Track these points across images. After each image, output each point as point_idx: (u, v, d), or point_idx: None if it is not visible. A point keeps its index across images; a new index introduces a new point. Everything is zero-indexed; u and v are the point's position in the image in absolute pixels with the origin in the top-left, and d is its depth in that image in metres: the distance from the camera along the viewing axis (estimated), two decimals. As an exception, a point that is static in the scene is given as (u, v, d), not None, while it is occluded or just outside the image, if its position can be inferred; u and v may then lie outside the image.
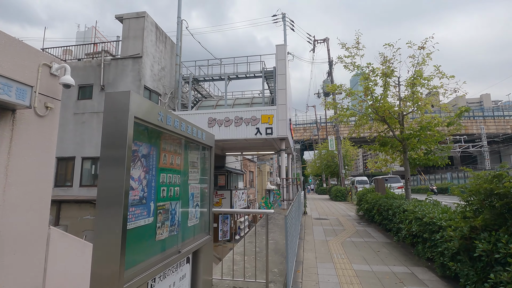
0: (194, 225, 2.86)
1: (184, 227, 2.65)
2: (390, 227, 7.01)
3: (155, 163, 2.19)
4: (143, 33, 12.74)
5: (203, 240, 2.91)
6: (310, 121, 48.86)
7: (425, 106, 6.97)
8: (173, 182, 2.46)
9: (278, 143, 13.08)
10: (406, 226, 5.52)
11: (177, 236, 2.45)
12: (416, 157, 7.57)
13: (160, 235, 2.20)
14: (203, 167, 3.12)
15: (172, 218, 2.43)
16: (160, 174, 2.25)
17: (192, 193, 2.87)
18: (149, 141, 2.10)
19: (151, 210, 2.10)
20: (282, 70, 12.84)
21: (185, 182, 2.73)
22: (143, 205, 2.01)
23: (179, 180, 2.56)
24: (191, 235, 2.78)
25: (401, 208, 6.33)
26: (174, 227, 2.43)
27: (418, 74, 6.85)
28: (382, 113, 7.25)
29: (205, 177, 3.15)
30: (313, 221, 9.92)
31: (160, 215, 2.23)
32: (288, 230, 3.77)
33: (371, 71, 7.28)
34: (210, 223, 3.14)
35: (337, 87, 7.91)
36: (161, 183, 2.26)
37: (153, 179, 2.15)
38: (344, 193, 20.21)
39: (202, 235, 2.99)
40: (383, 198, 8.10)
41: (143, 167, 2.01)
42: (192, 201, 2.87)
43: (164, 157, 2.33)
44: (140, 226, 1.95)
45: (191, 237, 2.75)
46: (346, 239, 6.87)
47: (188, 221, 2.76)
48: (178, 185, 2.55)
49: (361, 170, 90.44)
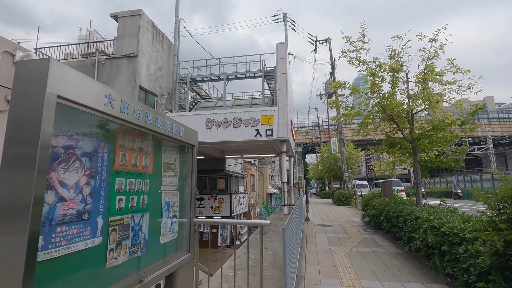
0: (169, 241, 2.32)
1: (154, 246, 2.10)
2: (400, 236, 6.42)
3: (107, 165, 1.65)
4: (138, 32, 12.30)
5: (181, 259, 2.36)
6: (312, 124, 48.36)
7: (437, 104, 6.40)
8: (137, 189, 1.92)
9: (279, 145, 12.53)
10: (420, 236, 4.94)
11: (139, 260, 1.90)
12: (427, 159, 6.99)
13: (113, 260, 1.66)
14: (182, 170, 2.58)
15: (135, 236, 1.89)
16: (115, 179, 1.71)
17: (167, 201, 2.33)
18: (96, 134, 1.57)
19: (98, 228, 1.56)
20: (282, 69, 12.33)
21: (156, 189, 2.19)
22: (85, 221, 1.47)
23: (146, 186, 2.02)
24: (164, 254, 2.23)
25: (413, 215, 5.75)
26: (137, 247, 1.89)
27: (430, 69, 6.29)
28: (390, 111, 6.70)
29: (186, 181, 2.61)
30: (316, 227, 9.33)
31: (115, 233, 1.69)
32: (288, 242, 3.22)
33: (378, 66, 6.73)
34: (192, 238, 2.59)
35: (341, 84, 7.37)
36: (117, 191, 1.72)
37: (103, 186, 1.61)
38: (347, 197, 19.57)
39: (179, 253, 2.44)
40: (391, 204, 7.51)
41: (84, 170, 1.48)
42: (167, 211, 2.33)
43: (123, 157, 1.79)
44: (77, 252, 1.41)
45: (162, 258, 2.20)
46: (352, 249, 6.28)
47: (161, 238, 2.21)
48: (145, 192, 2.01)
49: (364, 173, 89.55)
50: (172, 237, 2.38)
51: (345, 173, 21.00)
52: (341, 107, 7.71)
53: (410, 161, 7.50)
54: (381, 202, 8.21)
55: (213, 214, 19.14)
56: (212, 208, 19.16)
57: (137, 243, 1.89)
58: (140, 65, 12.22)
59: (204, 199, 19.30)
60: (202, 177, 19.79)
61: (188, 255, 2.48)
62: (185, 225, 2.56)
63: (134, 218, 1.88)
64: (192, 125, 10.01)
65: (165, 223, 2.29)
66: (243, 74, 14.23)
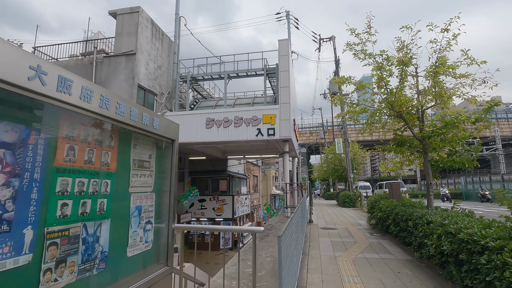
0: (140, 253, 1.94)
1: (118, 260, 1.73)
2: (410, 241, 5.97)
3: (43, 160, 1.28)
4: (137, 29, 12.02)
5: (154, 275, 1.98)
6: (317, 125, 47.87)
7: (449, 99, 5.95)
8: (93, 192, 1.55)
9: (281, 145, 12.13)
10: (434, 242, 4.50)
11: (95, 279, 1.52)
12: (439, 158, 6.53)
13: (50, 283, 1.29)
14: (160, 169, 2.21)
15: (88, 249, 1.51)
16: (57, 178, 1.34)
17: (138, 206, 1.95)
18: (24, 120, 1.20)
19: (25, 243, 1.19)
20: (285, 67, 11.93)
21: (123, 191, 1.82)
22: (2, 235, 1.11)
23: (107, 187, 1.65)
24: (133, 270, 1.85)
25: (424, 219, 5.31)
26: (91, 264, 1.52)
27: (441, 62, 5.85)
28: (399, 108, 6.26)
29: (164, 182, 2.24)
30: (320, 231, 8.90)
31: (55, 247, 1.32)
32: (285, 251, 2.84)
33: (386, 59, 6.30)
34: (170, 247, 2.21)
35: (346, 79, 6.95)
36: (59, 194, 1.35)
37: (36, 187, 1.24)
38: (352, 199, 19.05)
39: (154, 267, 2.06)
40: (400, 206, 7.06)
41: (2, 166, 1.11)
42: (138, 218, 1.95)
43: (70, 151, 1.43)
44: (-14, 277, 1.04)
45: (131, 274, 1.82)
46: (358, 254, 5.85)
47: (128, 250, 1.84)
48: (105, 195, 1.64)
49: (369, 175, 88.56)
50: (144, 247, 2.01)
51: (350, 174, 20.49)
52: (346, 103, 7.29)
53: (419, 161, 7.06)
54: (389, 204, 7.75)
55: (215, 215, 18.79)
56: (214, 209, 18.81)
57: (91, 259, 1.52)
58: (138, 63, 11.93)
59: (206, 200, 18.95)
60: (204, 178, 19.48)
61: (164, 269, 2.10)
62: (162, 233, 2.19)
63: (87, 227, 1.51)
64: (192, 125, 9.58)
65: (135, 232, 1.92)
66: (245, 72, 13.86)
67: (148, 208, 2.08)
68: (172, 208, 2.24)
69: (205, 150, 15.80)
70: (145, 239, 2.01)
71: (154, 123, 1.99)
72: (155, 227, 2.14)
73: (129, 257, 1.84)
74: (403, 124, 6.83)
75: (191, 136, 12.04)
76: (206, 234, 19.01)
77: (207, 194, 19.18)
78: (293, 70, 15.13)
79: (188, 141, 12.09)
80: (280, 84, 11.83)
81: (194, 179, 18.96)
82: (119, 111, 1.63)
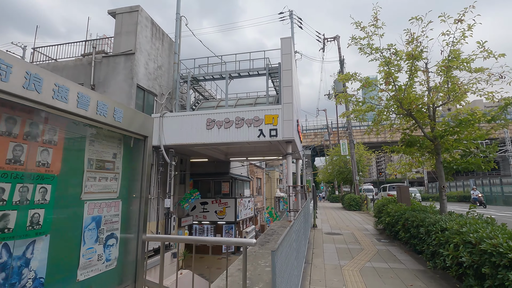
0: (98, 275, 1.57)
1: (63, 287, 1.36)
2: (422, 249, 5.52)
3: None
4: (136, 28, 11.77)
5: (115, 302, 1.60)
6: (321, 126, 47.35)
7: (463, 96, 5.51)
8: (19, 201, 1.19)
9: (284, 146, 11.73)
10: (451, 253, 4.06)
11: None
12: (452, 160, 6.08)
13: None
14: (128, 171, 1.84)
15: (10, 278, 1.15)
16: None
17: (95, 216, 1.59)
18: None
19: None
20: (287, 65, 11.55)
21: (72, 198, 1.45)
22: None
23: (45, 195, 1.29)
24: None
25: (437, 226, 4.86)
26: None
27: (455, 55, 5.42)
28: (408, 105, 5.84)
29: (133, 187, 1.87)
30: (324, 236, 8.45)
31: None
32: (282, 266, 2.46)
33: (394, 53, 5.89)
34: (140, 264, 1.84)
35: (351, 76, 6.55)
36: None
37: None
38: (358, 202, 18.51)
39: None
40: (410, 211, 6.61)
41: None
42: (95, 231, 1.59)
43: (-20, 146, 1.06)
44: None
45: (80, 303, 1.45)
46: (366, 263, 5.41)
47: (79, 272, 1.47)
48: (43, 204, 1.28)
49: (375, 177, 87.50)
50: (105, 267, 1.64)
51: (355, 176, 19.97)
52: (351, 102, 6.88)
53: (430, 163, 6.60)
54: (398, 209, 7.29)
55: (217, 219, 18.43)
56: (216, 212, 18.46)
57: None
58: (138, 63, 11.67)
59: (208, 203, 18.62)
60: (206, 180, 19.15)
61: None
62: (129, 248, 1.82)
63: (9, 248, 1.15)
64: (192, 126, 9.18)
65: (91, 249, 1.55)
66: (247, 72, 13.52)
67: (112, 219, 1.71)
68: (143, 217, 1.87)
69: (206, 152, 15.47)
70: (106, 256, 1.65)
71: (116, 115, 1.62)
72: (121, 240, 1.77)
73: (81, 282, 1.47)
74: (412, 123, 6.39)
75: (191, 137, 11.71)
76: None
77: (209, 196, 18.83)
78: (296, 70, 14.76)
79: (188, 142, 11.77)
80: (282, 84, 11.46)
81: (196, 181, 18.62)
82: (59, 96, 1.27)
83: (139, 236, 1.84)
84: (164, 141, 11.95)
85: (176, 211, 13.82)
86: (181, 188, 14.98)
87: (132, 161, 1.88)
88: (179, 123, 12.06)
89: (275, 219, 14.50)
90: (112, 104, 1.60)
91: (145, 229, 1.87)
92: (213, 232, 18.50)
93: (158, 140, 11.97)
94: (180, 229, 14.29)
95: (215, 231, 18.47)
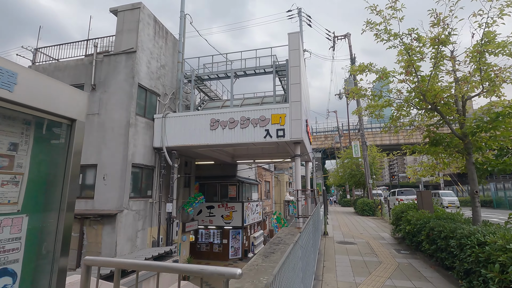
0: None
1: None
2: (453, 265, 4.71)
3: None
4: (138, 26, 11.36)
5: None
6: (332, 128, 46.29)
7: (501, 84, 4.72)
8: None
9: (292, 147, 11.03)
10: (496, 276, 3.27)
11: None
12: (485, 160, 5.26)
13: None
14: (41, 172, 1.21)
15: None
16: None
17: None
18: None
19: None
20: (295, 62, 10.88)
21: None
22: None
23: None
24: None
25: (473, 239, 4.08)
26: None
27: (489, 38, 4.64)
28: (433, 98, 5.08)
29: (49, 194, 1.24)
30: (336, 246, 7.69)
31: None
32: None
33: (416, 39, 5.15)
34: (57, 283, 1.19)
35: (365, 66, 5.83)
36: None
37: None
38: (372, 207, 17.53)
39: None
40: (434, 219, 5.81)
41: None
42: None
43: None
44: None
45: None
46: (386, 281, 4.65)
47: None
48: None
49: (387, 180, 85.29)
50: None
51: (368, 179, 19.00)
52: (366, 96, 6.14)
53: (459, 164, 5.79)
54: (419, 216, 6.48)
55: (223, 223, 17.82)
56: (222, 217, 17.85)
57: None
58: (139, 61, 11.23)
59: (214, 207, 18.04)
60: (212, 183, 18.58)
61: None
62: (39, 283, 1.18)
63: None
64: (195, 126, 8.51)
65: None
66: (253, 70, 12.92)
67: (4, 246, 1.10)
68: (61, 239, 1.23)
69: (212, 154, 14.91)
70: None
71: (2, 79, 1.00)
72: (24, 276, 1.14)
73: None
74: (437, 119, 5.61)
75: (194, 138, 11.17)
76: (214, 243, 18.00)
77: (215, 200, 18.24)
78: (305, 69, 14.07)
79: (191, 143, 11.22)
80: (290, 81, 10.78)
81: (202, 184, 18.07)
82: None
83: (55, 265, 1.21)
84: (167, 143, 11.45)
85: (180, 215, 13.25)
86: (185, 191, 14.42)
87: (47, 156, 1.26)
88: (181, 123, 11.55)
89: (283, 225, 13.73)
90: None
91: (66, 255, 1.24)
92: (219, 237, 17.88)
93: (161, 142, 11.49)
94: (185, 234, 13.70)
95: (221, 236, 17.83)
